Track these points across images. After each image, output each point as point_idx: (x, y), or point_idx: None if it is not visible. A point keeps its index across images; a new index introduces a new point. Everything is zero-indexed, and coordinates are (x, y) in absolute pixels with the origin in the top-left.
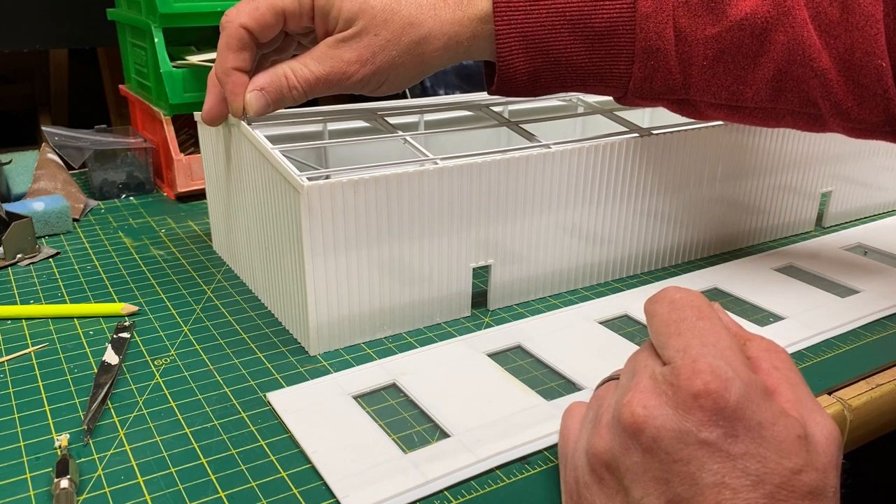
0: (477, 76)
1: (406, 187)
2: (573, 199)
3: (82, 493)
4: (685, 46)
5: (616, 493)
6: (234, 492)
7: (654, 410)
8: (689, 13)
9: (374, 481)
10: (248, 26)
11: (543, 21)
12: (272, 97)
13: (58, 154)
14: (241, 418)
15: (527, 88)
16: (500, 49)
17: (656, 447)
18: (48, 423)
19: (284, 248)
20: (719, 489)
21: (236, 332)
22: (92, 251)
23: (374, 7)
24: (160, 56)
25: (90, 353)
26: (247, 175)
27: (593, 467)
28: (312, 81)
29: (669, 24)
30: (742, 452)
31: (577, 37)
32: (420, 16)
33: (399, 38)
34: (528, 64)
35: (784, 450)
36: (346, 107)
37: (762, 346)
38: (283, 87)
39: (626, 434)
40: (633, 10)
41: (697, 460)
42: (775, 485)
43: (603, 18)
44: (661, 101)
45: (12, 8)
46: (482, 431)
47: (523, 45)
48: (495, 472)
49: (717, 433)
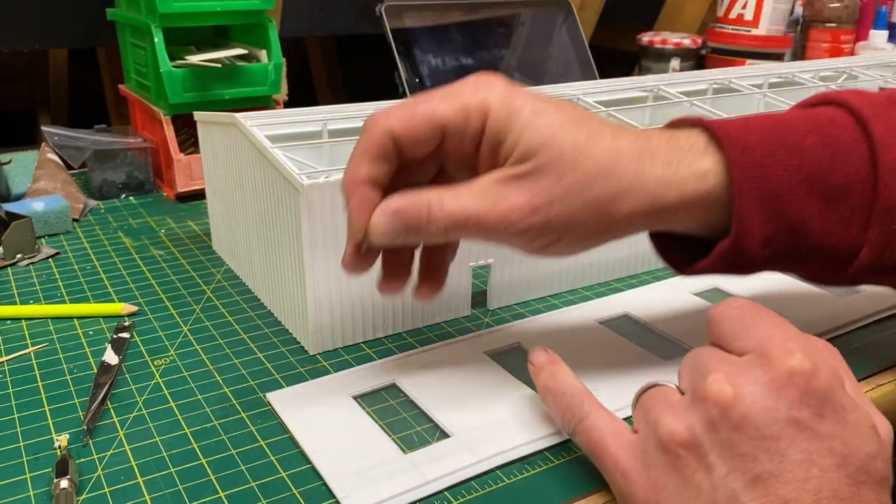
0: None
1: None
2: None
3: (82, 494)
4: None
5: (695, 472)
6: (234, 492)
7: (743, 388)
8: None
9: (374, 481)
10: (398, 134)
11: (781, 177)
12: (405, 224)
13: (57, 154)
14: (241, 418)
15: (755, 263)
16: (740, 209)
17: (746, 423)
18: (48, 424)
19: (284, 247)
20: (807, 466)
21: (236, 332)
22: (91, 251)
23: (563, 143)
24: (160, 56)
25: (90, 354)
26: (247, 175)
27: (667, 448)
28: (461, 219)
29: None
30: (829, 433)
31: (812, 196)
32: (618, 166)
33: (586, 188)
34: (764, 228)
35: (863, 435)
36: (346, 106)
37: (824, 346)
38: (421, 216)
39: (715, 410)
40: (872, 165)
41: (788, 437)
42: (856, 467)
43: (841, 175)
44: (891, 277)
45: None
46: (482, 431)
47: (760, 206)
48: (495, 472)
49: (807, 412)
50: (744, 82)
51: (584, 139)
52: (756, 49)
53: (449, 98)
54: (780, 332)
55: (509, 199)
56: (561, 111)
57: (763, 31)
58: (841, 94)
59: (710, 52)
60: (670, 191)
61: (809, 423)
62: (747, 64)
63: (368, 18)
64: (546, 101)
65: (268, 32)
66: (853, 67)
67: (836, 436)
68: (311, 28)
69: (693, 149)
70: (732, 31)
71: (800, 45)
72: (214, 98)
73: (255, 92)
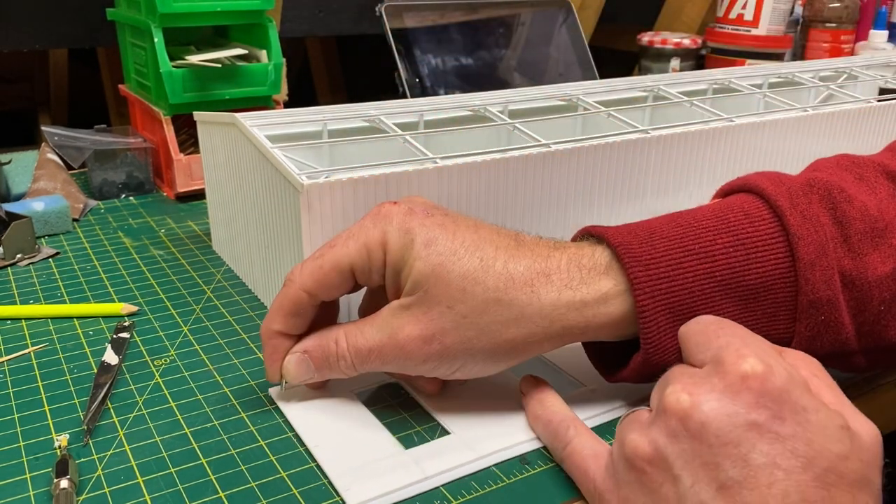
0: (476, 76)
1: (405, 187)
2: (573, 198)
3: (82, 494)
4: (855, 293)
5: (661, 485)
6: (234, 492)
7: (700, 396)
8: (851, 254)
9: (375, 476)
10: (310, 288)
11: (691, 288)
12: (316, 364)
13: (57, 154)
14: (241, 418)
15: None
16: (647, 329)
17: (705, 431)
18: (48, 424)
19: (284, 247)
20: (771, 470)
21: (236, 332)
22: (91, 251)
23: (451, 273)
24: (160, 56)
25: (90, 354)
26: (247, 175)
27: (632, 465)
28: (364, 353)
29: (835, 270)
30: (790, 434)
31: (729, 299)
32: (511, 293)
33: (478, 315)
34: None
35: (829, 435)
36: (346, 107)
37: (798, 356)
38: (329, 355)
39: (674, 421)
40: (790, 260)
41: (748, 442)
42: (824, 468)
43: (758, 273)
44: (826, 361)
45: (12, 8)
46: (482, 429)
47: (670, 320)
48: (495, 472)
49: (765, 415)
50: (744, 82)
51: (475, 266)
52: (756, 49)
53: (352, 238)
54: (736, 340)
55: (405, 329)
56: (454, 238)
57: (763, 31)
58: (759, 182)
59: (710, 52)
60: (569, 313)
61: (769, 426)
62: (747, 64)
63: (368, 18)
64: (443, 226)
65: (268, 32)
66: (853, 67)
67: (799, 436)
68: (311, 28)
69: (594, 269)
70: (732, 31)
71: (800, 45)
72: (214, 98)
73: (255, 92)
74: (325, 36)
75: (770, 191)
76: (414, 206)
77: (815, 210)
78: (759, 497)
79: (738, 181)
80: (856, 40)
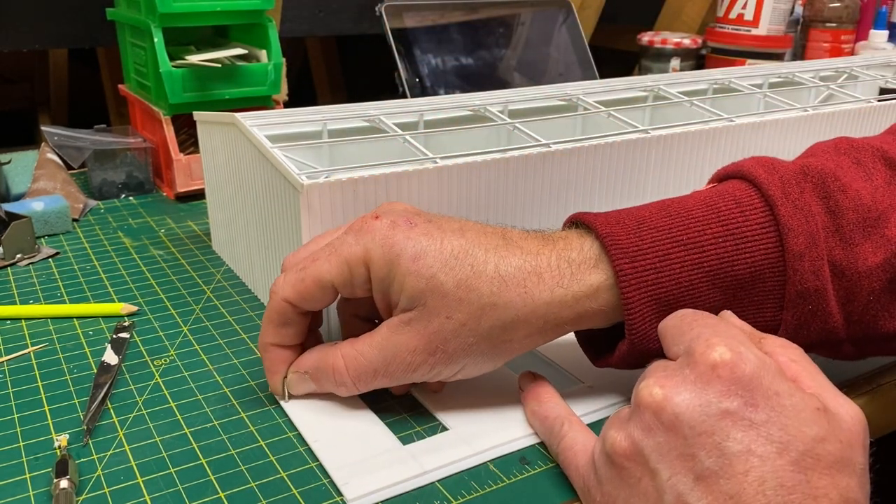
0: (476, 76)
1: (405, 186)
2: (573, 198)
3: (82, 494)
4: (845, 283)
5: (640, 479)
6: (234, 492)
7: (672, 389)
8: (843, 244)
9: (374, 470)
10: (292, 300)
11: (678, 278)
12: (317, 384)
13: (57, 154)
14: (241, 418)
15: (661, 355)
16: (632, 320)
17: (679, 423)
18: (48, 424)
19: (284, 247)
20: (747, 457)
21: (236, 333)
22: (91, 251)
23: (445, 284)
24: (160, 56)
25: (90, 354)
26: (246, 174)
27: (612, 461)
28: (368, 375)
29: (824, 260)
30: (764, 420)
31: (716, 288)
32: (505, 296)
33: (477, 321)
34: None
35: (804, 419)
36: (346, 106)
37: (777, 342)
38: (328, 379)
39: (648, 415)
40: (780, 251)
41: (722, 430)
42: (800, 452)
43: (747, 264)
44: (813, 349)
45: (12, 8)
46: (480, 425)
47: (656, 310)
48: (495, 472)
49: (737, 402)
50: (744, 82)
51: (468, 274)
52: (756, 49)
53: (333, 254)
54: (707, 330)
55: (408, 345)
56: (442, 246)
57: (763, 31)
58: (753, 169)
59: (710, 52)
60: (563, 310)
61: (742, 413)
62: (747, 64)
63: (368, 18)
64: (429, 234)
65: (268, 32)
66: (853, 67)
67: (773, 422)
68: (311, 28)
69: (584, 264)
70: (732, 31)
71: (800, 45)
72: (214, 98)
73: (254, 92)
74: (325, 36)
75: (763, 178)
76: (396, 218)
77: (808, 199)
78: (735, 485)
79: (732, 167)
80: (856, 40)
